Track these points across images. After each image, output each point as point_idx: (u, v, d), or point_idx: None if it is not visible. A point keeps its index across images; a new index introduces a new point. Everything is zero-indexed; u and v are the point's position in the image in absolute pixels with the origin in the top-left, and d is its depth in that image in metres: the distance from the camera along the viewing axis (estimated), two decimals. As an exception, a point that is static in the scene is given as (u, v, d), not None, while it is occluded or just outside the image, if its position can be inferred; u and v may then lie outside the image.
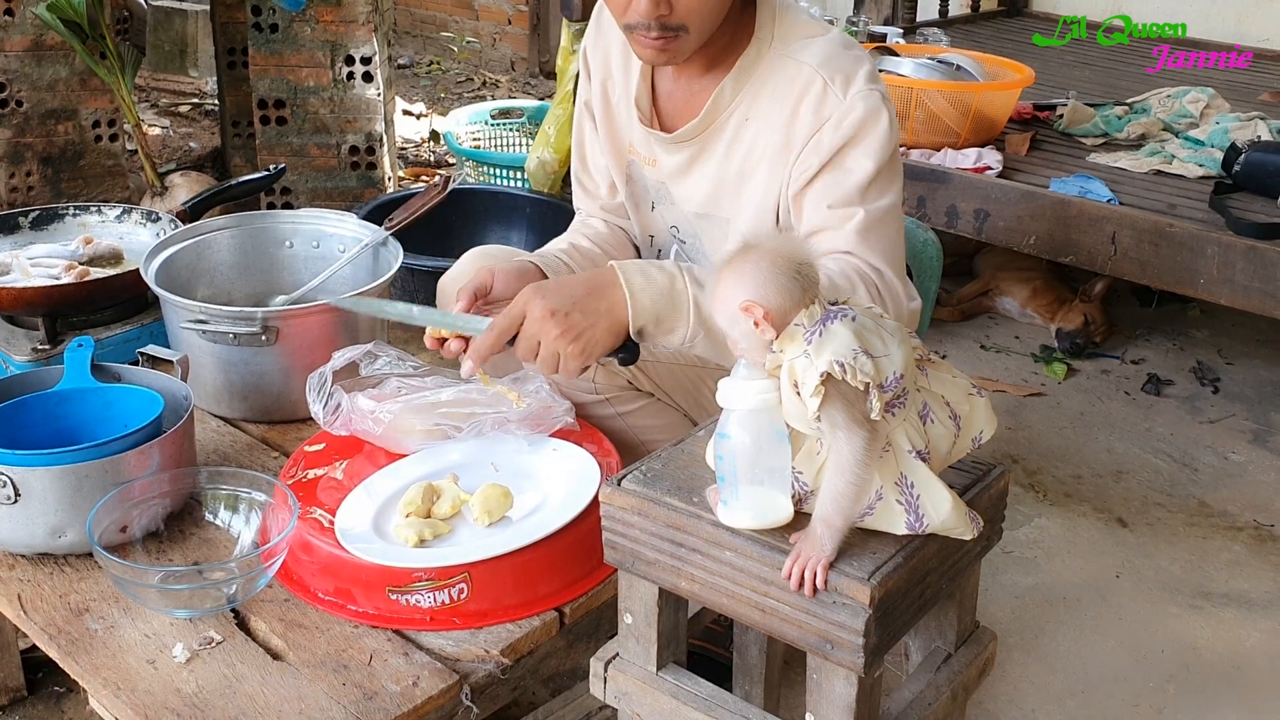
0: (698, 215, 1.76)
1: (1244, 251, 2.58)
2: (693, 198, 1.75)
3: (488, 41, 6.46)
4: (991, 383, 3.14)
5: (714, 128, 1.70)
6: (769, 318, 1.16)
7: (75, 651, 1.43)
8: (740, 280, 1.18)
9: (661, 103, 1.77)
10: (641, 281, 1.50)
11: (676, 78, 1.74)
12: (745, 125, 1.68)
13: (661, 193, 1.80)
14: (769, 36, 1.66)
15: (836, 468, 1.14)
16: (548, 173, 3.49)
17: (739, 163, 1.69)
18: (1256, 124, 3.24)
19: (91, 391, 1.71)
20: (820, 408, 1.13)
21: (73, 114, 3.64)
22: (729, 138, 1.69)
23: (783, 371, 1.16)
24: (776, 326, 1.17)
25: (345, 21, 3.52)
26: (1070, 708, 2.04)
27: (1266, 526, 2.56)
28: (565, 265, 1.78)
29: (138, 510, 1.57)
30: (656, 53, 1.59)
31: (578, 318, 1.47)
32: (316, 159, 3.65)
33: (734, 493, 1.19)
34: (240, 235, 2.15)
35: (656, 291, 1.50)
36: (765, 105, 1.66)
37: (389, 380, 1.71)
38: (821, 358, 1.13)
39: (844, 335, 1.15)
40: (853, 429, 1.13)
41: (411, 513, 1.53)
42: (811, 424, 1.15)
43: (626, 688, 1.36)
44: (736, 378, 1.19)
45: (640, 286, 1.49)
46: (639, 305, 1.49)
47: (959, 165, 3.06)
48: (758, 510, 1.19)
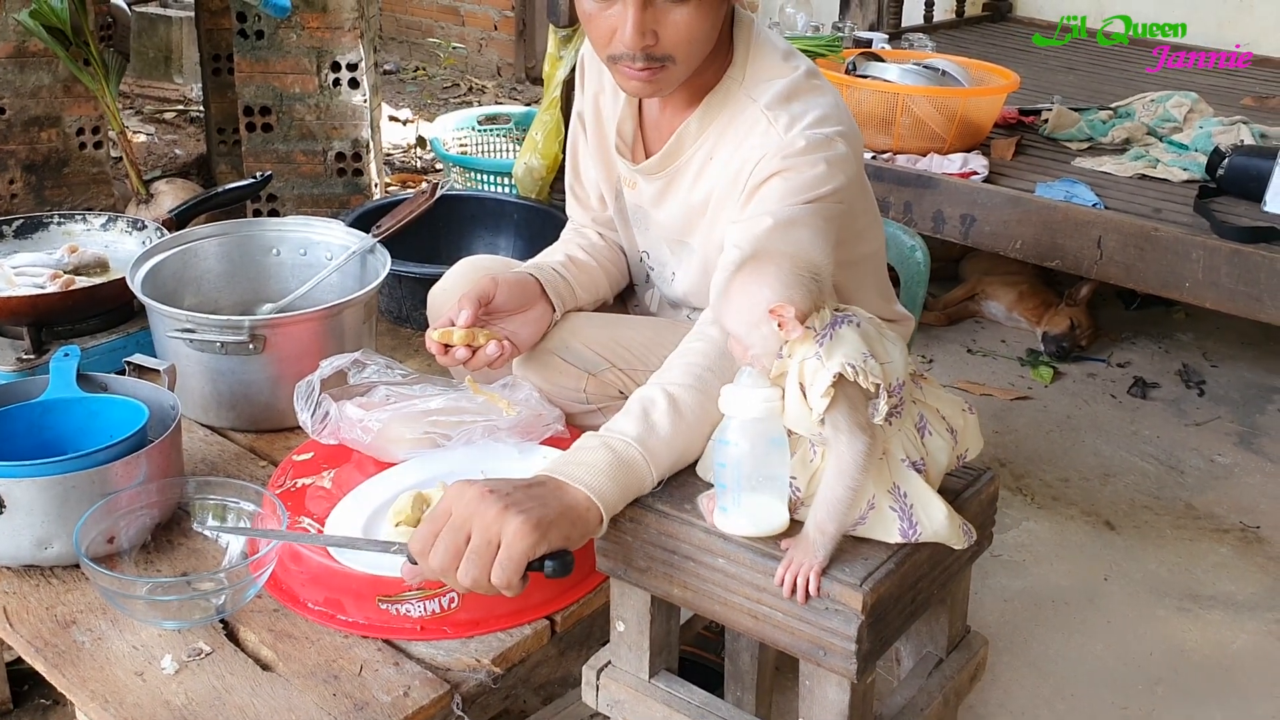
0: (674, 241, 1.75)
1: (1228, 255, 2.59)
2: (667, 225, 1.74)
3: (474, 47, 6.45)
4: (978, 387, 3.14)
5: (679, 163, 1.67)
6: (799, 317, 1.16)
7: (62, 664, 1.42)
8: (762, 283, 1.17)
9: (647, 129, 1.74)
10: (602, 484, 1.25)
11: (662, 107, 1.70)
12: (709, 163, 1.64)
13: (639, 216, 1.79)
14: (740, 76, 1.61)
15: (836, 473, 1.15)
16: (535, 178, 3.49)
17: (703, 197, 1.66)
18: (1239, 128, 3.26)
19: (77, 402, 1.70)
20: (826, 410, 1.13)
21: (56, 121, 3.62)
22: (694, 172, 1.66)
23: (790, 374, 1.16)
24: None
25: (331, 28, 3.51)
26: (1060, 711, 2.04)
27: (1253, 528, 2.58)
28: (562, 278, 1.78)
29: (125, 521, 1.56)
30: (642, 84, 1.54)
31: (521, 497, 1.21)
32: (302, 166, 3.64)
33: (734, 500, 1.19)
34: (227, 243, 2.14)
35: (619, 484, 1.26)
36: (726, 147, 1.62)
37: (377, 388, 1.70)
38: (833, 359, 1.13)
39: (853, 339, 1.15)
40: (855, 434, 1.13)
41: (401, 522, 1.53)
42: (815, 428, 1.15)
43: (619, 695, 1.36)
44: (740, 385, 1.18)
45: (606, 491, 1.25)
46: (608, 504, 1.26)
47: (945, 170, 3.06)
48: (755, 518, 1.19)
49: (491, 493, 1.21)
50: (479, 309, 1.63)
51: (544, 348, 1.71)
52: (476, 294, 1.63)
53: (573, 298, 1.79)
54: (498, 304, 1.66)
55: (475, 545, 1.19)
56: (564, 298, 1.76)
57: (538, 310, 1.72)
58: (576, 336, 1.71)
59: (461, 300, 1.63)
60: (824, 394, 1.12)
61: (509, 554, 1.19)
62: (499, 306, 1.67)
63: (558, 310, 1.75)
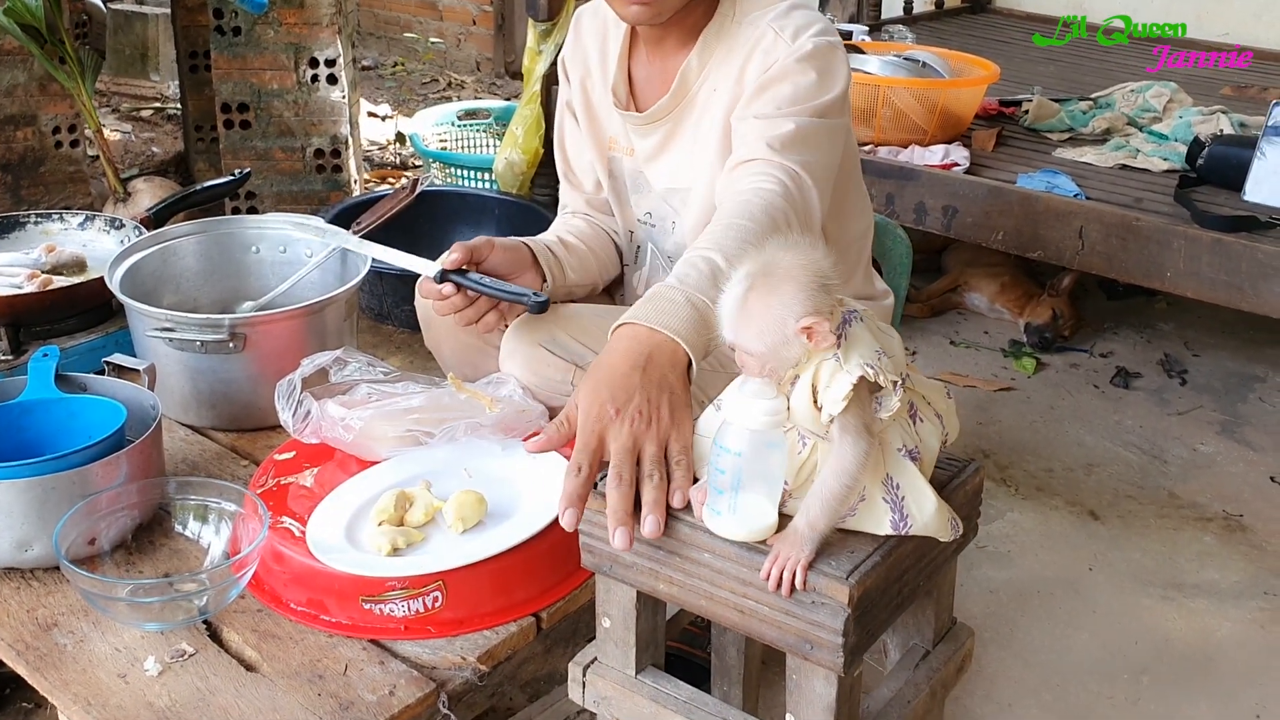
0: (667, 191, 1.81)
1: (1209, 244, 2.60)
2: (662, 175, 1.81)
3: (453, 42, 6.43)
4: (961, 378, 3.15)
5: (685, 102, 1.75)
6: (833, 329, 1.13)
7: (44, 667, 1.41)
8: (784, 301, 1.13)
9: (638, 89, 1.82)
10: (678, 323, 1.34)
11: (650, 60, 1.79)
12: (714, 95, 1.73)
13: (638, 181, 1.85)
14: (731, 11, 1.72)
15: (834, 472, 1.14)
16: (515, 173, 3.48)
17: (709, 127, 1.73)
18: (1219, 118, 3.27)
19: (55, 402, 1.69)
20: (840, 413, 1.12)
21: (32, 120, 3.58)
22: (700, 109, 1.75)
23: (803, 376, 1.15)
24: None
25: (308, 23, 3.49)
26: (1046, 701, 2.05)
27: (1235, 517, 2.59)
28: (553, 255, 1.82)
29: (105, 522, 1.54)
30: (641, 9, 1.64)
31: (650, 395, 1.28)
32: (281, 163, 3.62)
33: (729, 504, 1.18)
34: (206, 241, 2.13)
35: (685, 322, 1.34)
36: (728, 75, 1.71)
37: (359, 386, 1.69)
38: (851, 362, 1.12)
39: (865, 336, 1.15)
40: (860, 434, 1.13)
41: (384, 520, 1.52)
42: (822, 429, 1.15)
43: (605, 692, 1.35)
44: (746, 394, 1.15)
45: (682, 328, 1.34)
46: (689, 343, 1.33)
47: (926, 162, 3.06)
48: (748, 521, 1.18)
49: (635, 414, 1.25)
50: (468, 258, 1.67)
51: (530, 340, 1.70)
52: (472, 245, 1.67)
53: (563, 275, 1.82)
54: (491, 264, 1.70)
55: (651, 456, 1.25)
56: (554, 272, 1.80)
57: (528, 279, 1.76)
58: (563, 329, 1.70)
59: (455, 246, 1.67)
60: (843, 398, 1.12)
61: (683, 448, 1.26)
62: (492, 268, 1.71)
63: (548, 281, 1.78)
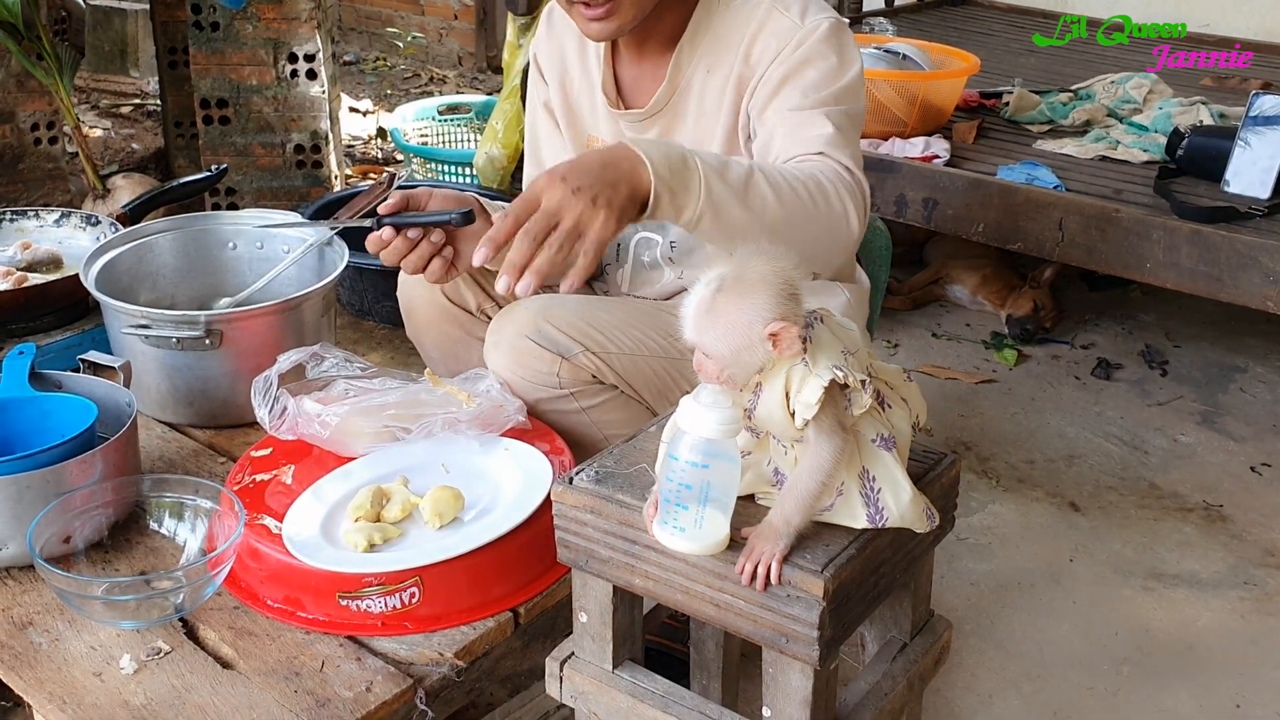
0: None
1: (1188, 235, 2.61)
2: None
3: (434, 37, 6.41)
4: (943, 370, 3.15)
5: (681, 89, 1.74)
6: (800, 335, 1.13)
7: (19, 666, 1.40)
8: (755, 303, 1.12)
9: (626, 89, 1.80)
10: (657, 154, 1.41)
11: (639, 61, 1.77)
12: (709, 76, 1.72)
13: None
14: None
15: (809, 469, 1.14)
16: (496, 168, 3.47)
17: (711, 113, 1.72)
18: (1198, 108, 3.28)
19: (29, 401, 1.68)
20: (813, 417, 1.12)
21: (10, 117, 3.56)
22: (697, 95, 1.73)
23: (773, 382, 1.15)
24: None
25: (287, 19, 3.47)
26: (1027, 693, 2.05)
27: (1215, 507, 2.60)
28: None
29: (80, 520, 1.54)
30: (601, 25, 1.63)
31: (601, 188, 1.36)
32: (261, 158, 3.60)
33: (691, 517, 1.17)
34: (182, 238, 2.12)
35: (672, 163, 1.41)
36: (723, 50, 1.70)
37: (336, 382, 1.68)
38: (820, 366, 1.12)
39: (829, 338, 1.15)
40: (834, 433, 1.13)
41: (361, 517, 1.51)
42: (796, 434, 1.15)
43: (583, 686, 1.35)
44: (701, 402, 1.15)
45: (657, 158, 1.40)
46: (658, 174, 1.39)
47: (907, 154, 3.07)
48: (698, 534, 1.18)
49: (576, 192, 1.34)
50: (404, 204, 1.65)
51: (515, 332, 1.69)
52: (409, 193, 1.66)
53: None
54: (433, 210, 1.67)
55: (565, 229, 1.33)
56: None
57: (479, 226, 1.68)
58: (547, 319, 1.68)
59: (394, 193, 1.67)
60: (816, 402, 1.11)
61: (596, 240, 1.35)
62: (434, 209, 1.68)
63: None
